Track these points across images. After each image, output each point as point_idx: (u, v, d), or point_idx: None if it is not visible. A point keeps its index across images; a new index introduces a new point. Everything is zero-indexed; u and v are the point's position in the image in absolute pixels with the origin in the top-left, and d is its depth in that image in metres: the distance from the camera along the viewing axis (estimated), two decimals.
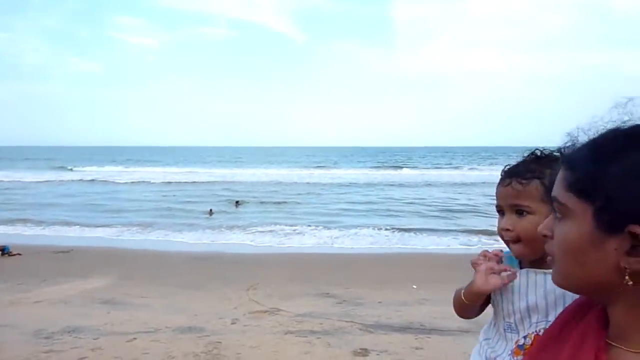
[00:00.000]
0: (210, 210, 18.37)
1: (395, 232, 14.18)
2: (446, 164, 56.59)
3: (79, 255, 11.38)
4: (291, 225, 15.26)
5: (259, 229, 14.72)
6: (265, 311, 6.54)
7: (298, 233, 14.08)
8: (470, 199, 23.17)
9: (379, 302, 7.05)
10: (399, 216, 17.68)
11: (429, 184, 31.71)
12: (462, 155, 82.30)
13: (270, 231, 14.32)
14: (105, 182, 33.45)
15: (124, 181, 34.20)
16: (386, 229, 14.76)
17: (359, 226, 15.28)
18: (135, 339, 5.14)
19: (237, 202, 20.48)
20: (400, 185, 31.40)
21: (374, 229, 14.85)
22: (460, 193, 26.25)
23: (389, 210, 19.53)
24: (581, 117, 0.80)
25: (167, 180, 34.38)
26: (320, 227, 15.01)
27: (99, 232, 14.31)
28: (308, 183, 33.03)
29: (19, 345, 4.92)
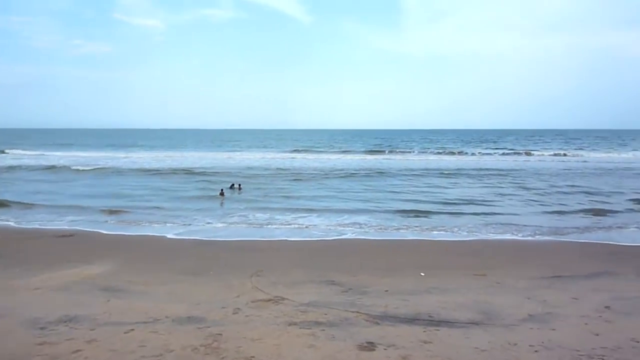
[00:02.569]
0: (222, 191, 18.45)
1: (402, 219, 13.94)
2: (448, 148, 56.01)
3: (82, 239, 11.23)
4: (295, 211, 15.04)
5: (262, 214, 14.52)
6: (269, 300, 6.34)
7: (302, 219, 13.86)
8: (470, 186, 22.89)
9: (386, 291, 6.83)
10: (404, 202, 17.40)
11: (432, 170, 31.36)
12: (464, 140, 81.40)
13: (273, 217, 14.11)
14: (108, 167, 33.31)
15: (128, 166, 34.06)
16: (392, 215, 14.52)
17: (362, 212, 15.04)
18: (132, 330, 4.96)
19: (239, 186, 20.21)
20: (402, 170, 31.06)
21: (378, 215, 14.61)
22: (459, 179, 25.93)
23: (393, 196, 19.27)
24: (584, 99, 0.52)
25: (168, 165, 34.23)
26: (325, 213, 14.78)
27: (101, 217, 14.16)
28: (310, 167, 32.74)
29: (11, 336, 4.75)
